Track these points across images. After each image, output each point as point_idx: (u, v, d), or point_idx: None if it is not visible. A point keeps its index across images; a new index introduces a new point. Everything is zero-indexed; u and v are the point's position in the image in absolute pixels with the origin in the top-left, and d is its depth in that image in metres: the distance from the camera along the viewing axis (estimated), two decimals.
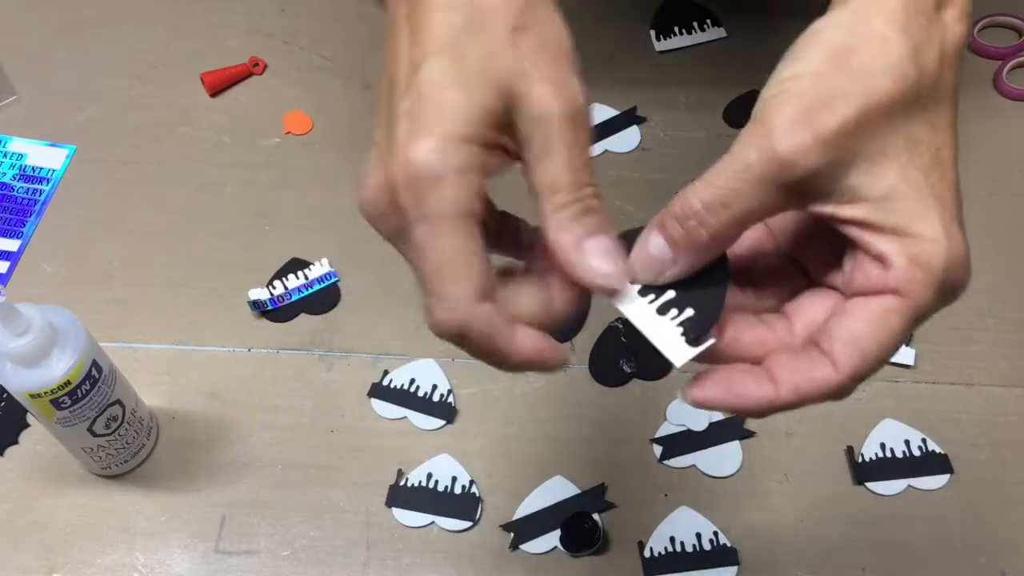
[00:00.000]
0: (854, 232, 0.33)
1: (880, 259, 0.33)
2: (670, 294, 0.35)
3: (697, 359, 0.34)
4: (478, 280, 0.33)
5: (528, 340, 0.34)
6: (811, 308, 0.36)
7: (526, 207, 0.34)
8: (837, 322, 0.33)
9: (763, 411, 0.34)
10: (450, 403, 0.61)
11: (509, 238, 0.37)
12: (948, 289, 0.33)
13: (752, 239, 0.38)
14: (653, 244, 0.34)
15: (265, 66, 0.78)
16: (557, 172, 0.33)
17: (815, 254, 0.37)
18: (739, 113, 0.73)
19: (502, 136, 0.33)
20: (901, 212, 0.32)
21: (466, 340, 0.33)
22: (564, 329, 0.63)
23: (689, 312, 0.34)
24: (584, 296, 0.35)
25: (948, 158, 0.33)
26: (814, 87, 0.32)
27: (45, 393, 0.50)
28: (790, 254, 0.38)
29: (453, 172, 0.32)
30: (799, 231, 0.38)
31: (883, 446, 0.59)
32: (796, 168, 0.31)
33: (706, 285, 0.35)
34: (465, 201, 0.32)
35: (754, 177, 0.32)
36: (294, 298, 0.65)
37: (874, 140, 0.32)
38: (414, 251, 0.34)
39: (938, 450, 0.59)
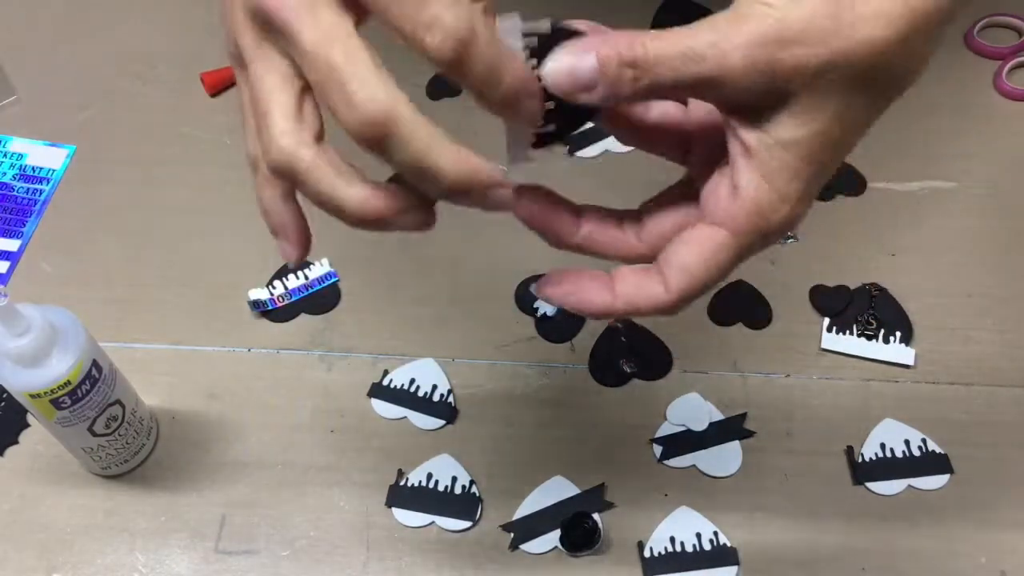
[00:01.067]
0: (735, 148, 0.35)
1: (735, 188, 0.35)
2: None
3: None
4: (307, 121, 0.34)
5: (360, 189, 0.34)
6: (663, 221, 0.39)
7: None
8: (675, 250, 0.37)
9: (600, 315, 0.38)
10: (450, 403, 0.61)
11: None
12: (771, 239, 0.36)
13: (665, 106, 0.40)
14: (584, 64, 0.34)
15: None
16: None
17: (703, 152, 0.39)
18: None
19: None
20: (780, 163, 0.34)
21: (296, 176, 0.34)
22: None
23: (551, 128, 0.35)
24: None
25: (853, 142, 0.35)
26: (798, 13, 0.32)
27: (45, 393, 0.50)
28: (687, 135, 0.40)
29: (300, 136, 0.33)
30: (705, 121, 0.39)
31: (883, 446, 0.59)
32: (738, 82, 0.33)
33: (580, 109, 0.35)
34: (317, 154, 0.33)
35: (701, 68, 0.33)
36: (294, 298, 0.65)
37: (815, 93, 0.33)
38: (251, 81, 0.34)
39: (938, 450, 0.59)
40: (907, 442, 0.59)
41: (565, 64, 0.34)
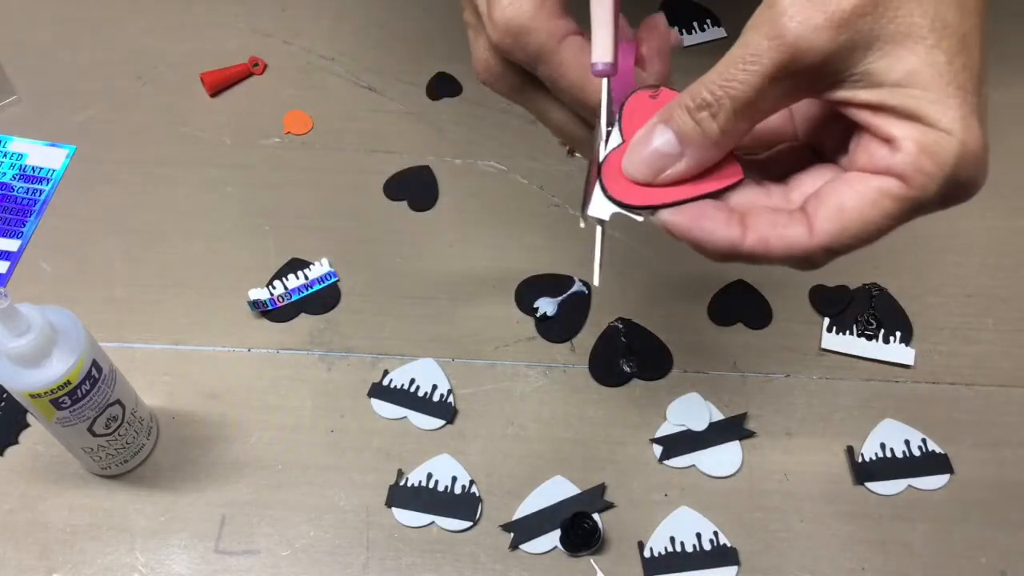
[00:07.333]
0: (865, 116, 0.31)
1: (889, 141, 0.30)
2: None
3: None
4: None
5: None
6: (814, 180, 0.34)
7: None
8: (830, 188, 0.32)
9: (724, 253, 0.32)
10: (450, 403, 0.61)
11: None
12: (955, 186, 0.30)
13: (770, 126, 0.36)
14: (660, 138, 0.33)
15: (265, 66, 0.78)
16: None
17: (831, 139, 0.35)
18: None
19: None
20: (919, 97, 0.29)
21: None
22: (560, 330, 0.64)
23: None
24: None
25: (975, 45, 0.30)
26: None
27: (45, 393, 0.50)
28: (807, 140, 0.36)
29: (534, 11, 0.36)
30: (815, 115, 0.36)
31: (883, 446, 0.59)
32: (809, 53, 0.29)
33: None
34: (559, 29, 0.37)
35: (766, 67, 0.30)
36: (294, 298, 0.65)
37: (895, 21, 0.29)
38: (543, 94, 0.38)
39: (938, 450, 0.59)
40: (907, 442, 0.59)
41: (641, 150, 0.33)
